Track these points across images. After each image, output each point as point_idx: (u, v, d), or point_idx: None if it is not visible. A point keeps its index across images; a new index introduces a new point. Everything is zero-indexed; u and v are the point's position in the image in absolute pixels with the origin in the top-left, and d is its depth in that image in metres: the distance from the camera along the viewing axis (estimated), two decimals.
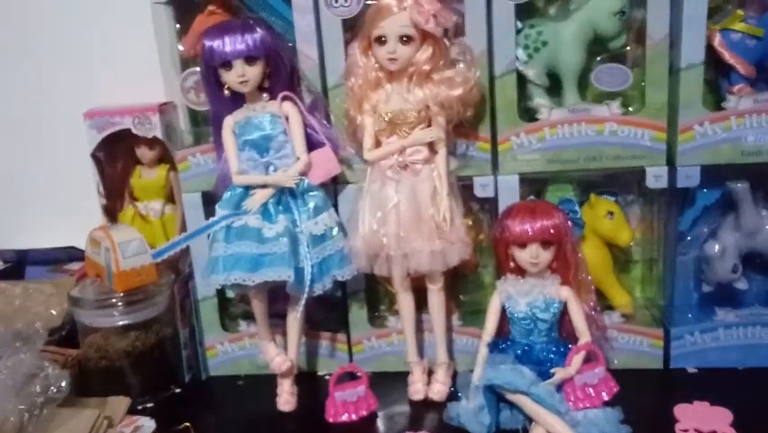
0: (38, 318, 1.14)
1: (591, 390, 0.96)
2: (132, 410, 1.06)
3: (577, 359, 0.96)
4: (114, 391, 1.07)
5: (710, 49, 1.02)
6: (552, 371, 0.95)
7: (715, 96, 1.07)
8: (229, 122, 1.05)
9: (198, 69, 1.09)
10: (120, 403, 1.05)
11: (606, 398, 0.96)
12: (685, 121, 1.02)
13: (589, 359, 0.98)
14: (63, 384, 0.98)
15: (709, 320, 1.10)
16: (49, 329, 1.13)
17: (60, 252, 1.33)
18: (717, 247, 1.08)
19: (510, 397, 0.94)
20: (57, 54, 1.36)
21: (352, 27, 1.06)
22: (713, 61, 1.04)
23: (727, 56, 1.03)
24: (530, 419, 0.94)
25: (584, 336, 0.99)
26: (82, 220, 1.21)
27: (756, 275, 1.12)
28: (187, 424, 1.02)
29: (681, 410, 0.97)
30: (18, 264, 1.39)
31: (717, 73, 1.06)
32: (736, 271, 1.08)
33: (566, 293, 1.00)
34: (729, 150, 1.02)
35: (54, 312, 1.20)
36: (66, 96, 1.32)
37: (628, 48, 1.08)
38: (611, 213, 1.09)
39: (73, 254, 1.32)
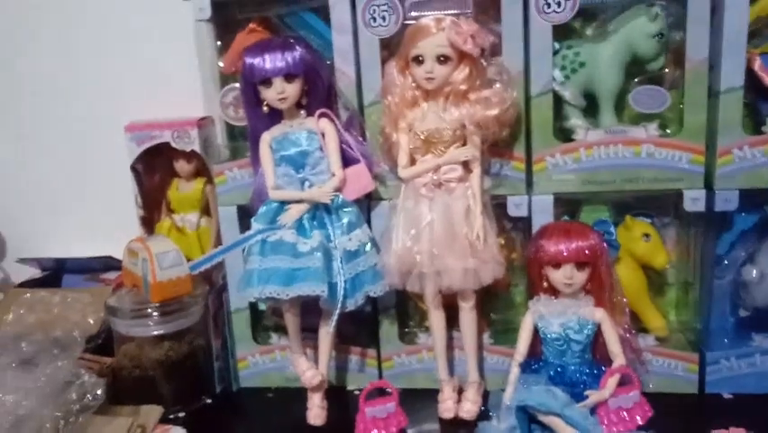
0: (76, 327, 1.17)
1: (626, 413, 0.95)
2: (164, 420, 1.07)
3: (612, 382, 0.95)
4: (147, 400, 1.09)
5: (750, 72, 1.01)
6: (586, 393, 0.95)
7: (754, 120, 1.06)
8: (266, 137, 1.07)
9: (237, 85, 1.11)
10: (153, 412, 1.07)
11: (640, 422, 0.95)
12: (724, 144, 1.01)
13: (623, 382, 0.97)
14: (99, 392, 1.00)
15: (746, 345, 1.08)
16: (86, 337, 1.16)
17: (97, 261, 1.36)
18: (754, 272, 1.07)
19: (543, 418, 0.93)
20: (101, 69, 1.40)
21: (389, 46, 1.07)
22: (753, 85, 1.03)
23: None
24: None
25: (618, 358, 0.99)
26: (120, 231, 1.23)
27: None
28: None
29: None
30: (56, 272, 1.42)
31: (758, 97, 1.05)
32: None
33: (600, 315, 1.00)
34: None
35: (91, 321, 1.22)
36: (108, 110, 1.35)
37: (667, 70, 1.07)
38: (647, 235, 1.08)
39: (109, 264, 1.34)
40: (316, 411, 1.08)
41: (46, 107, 1.45)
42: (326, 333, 1.08)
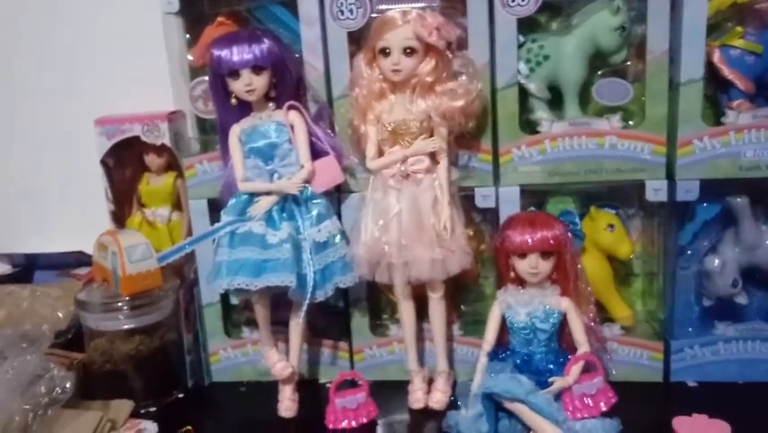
0: (44, 321, 1.16)
1: (590, 400, 0.96)
2: (135, 414, 1.07)
3: (575, 369, 0.97)
4: (118, 394, 1.09)
5: (710, 65, 1.04)
6: (550, 380, 0.96)
7: (714, 111, 1.08)
8: (235, 130, 1.07)
9: (206, 78, 1.11)
10: (123, 406, 1.07)
11: (604, 408, 0.96)
12: (684, 135, 1.03)
13: (588, 370, 0.98)
14: (68, 385, 1.00)
15: (709, 334, 1.10)
16: (55, 332, 1.15)
17: (68, 256, 1.35)
18: (716, 262, 1.09)
19: (508, 405, 0.94)
20: (69, 63, 1.39)
21: (358, 39, 1.08)
22: (713, 77, 1.05)
23: (727, 72, 1.04)
24: (528, 429, 0.94)
25: (583, 346, 1.00)
26: (90, 226, 1.22)
27: (756, 290, 1.12)
28: (189, 427, 1.03)
29: (679, 423, 0.97)
30: (27, 268, 1.41)
31: (717, 88, 1.07)
32: (736, 285, 1.09)
33: (566, 304, 1.01)
34: (728, 164, 1.03)
35: (61, 315, 1.21)
36: (77, 104, 1.35)
37: (629, 63, 1.09)
38: (612, 226, 1.10)
39: (81, 259, 1.34)
40: (287, 404, 1.08)
41: (15, 103, 1.44)
42: (296, 324, 1.09)
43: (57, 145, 1.43)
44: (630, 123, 1.08)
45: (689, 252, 1.11)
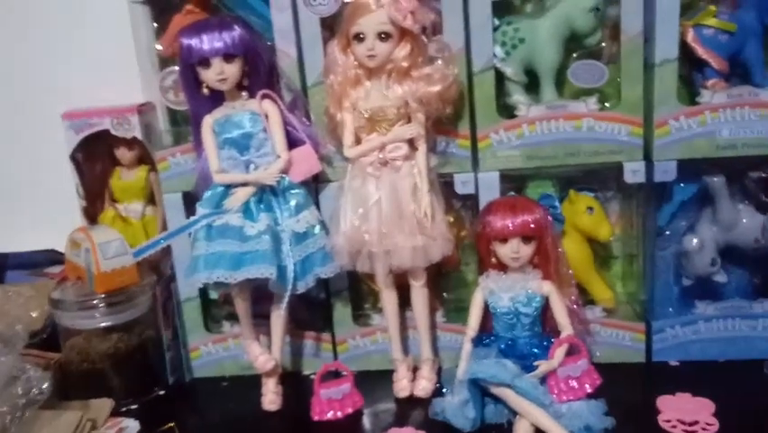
0: (18, 321, 1.13)
1: (575, 382, 0.96)
2: (115, 413, 1.06)
3: (560, 351, 0.97)
4: (97, 393, 1.07)
5: (684, 44, 1.04)
6: (535, 363, 0.96)
7: (689, 91, 1.08)
8: (208, 120, 1.05)
9: (177, 68, 1.09)
10: (103, 405, 1.05)
11: (589, 390, 0.96)
12: (660, 116, 1.03)
13: (572, 352, 0.98)
14: (45, 386, 0.98)
15: (690, 314, 1.10)
16: (29, 332, 1.13)
17: (40, 255, 1.32)
18: (695, 241, 1.09)
19: (494, 390, 0.94)
20: (34, 55, 1.35)
21: (331, 25, 1.06)
22: (687, 57, 1.05)
23: (701, 51, 1.04)
24: (515, 414, 0.94)
25: (566, 329, 1.00)
26: (62, 223, 1.19)
27: (735, 268, 1.13)
28: (172, 424, 1.01)
29: (663, 402, 0.98)
30: None
31: (692, 68, 1.07)
32: (715, 264, 1.09)
33: (548, 288, 1.01)
34: (705, 144, 1.03)
35: (34, 315, 1.19)
36: (44, 98, 1.31)
37: (604, 44, 1.09)
38: (591, 208, 1.10)
39: (53, 258, 1.31)
40: (271, 397, 1.07)
41: None
42: (278, 316, 1.07)
43: (24, 141, 1.39)
44: (606, 105, 1.08)
45: (667, 232, 1.12)
